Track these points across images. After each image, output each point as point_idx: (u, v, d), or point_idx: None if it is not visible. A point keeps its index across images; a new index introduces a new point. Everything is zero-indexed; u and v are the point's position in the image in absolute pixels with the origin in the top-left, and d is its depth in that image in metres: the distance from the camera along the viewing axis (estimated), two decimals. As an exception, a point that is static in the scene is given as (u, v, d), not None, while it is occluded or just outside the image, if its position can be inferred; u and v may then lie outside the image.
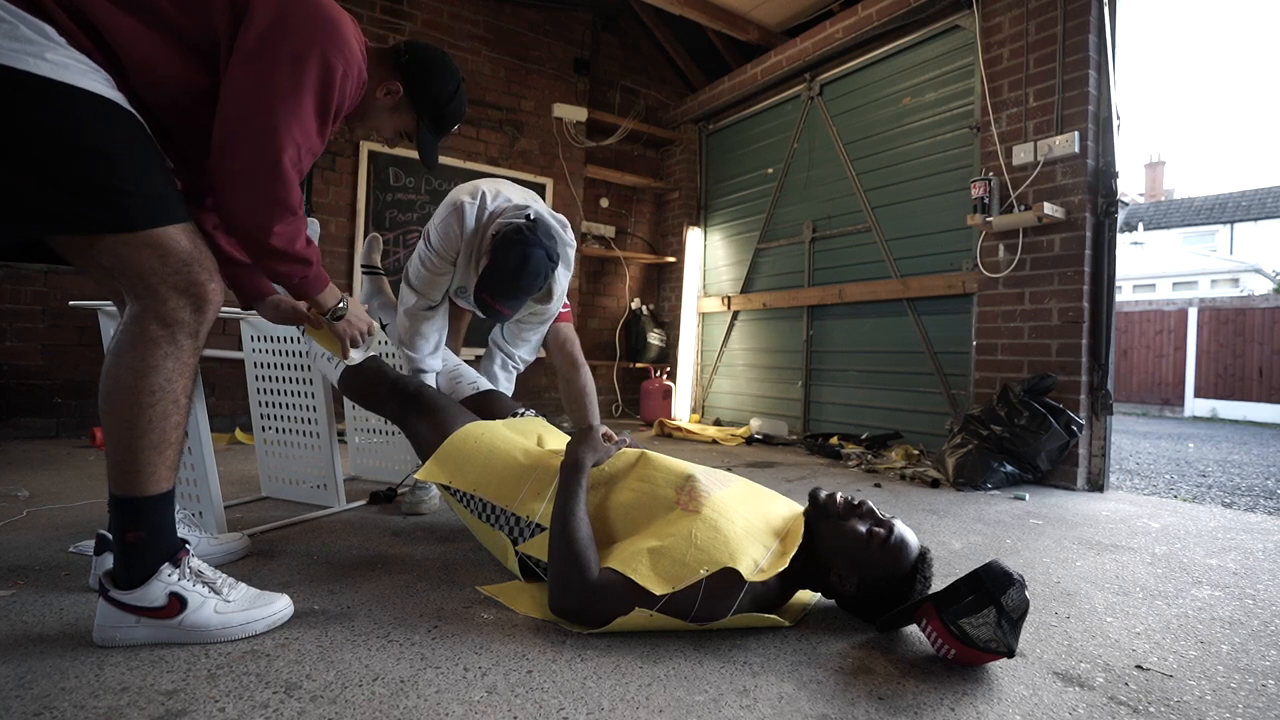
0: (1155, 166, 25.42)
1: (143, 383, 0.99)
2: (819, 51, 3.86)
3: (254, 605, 1.09)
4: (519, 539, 1.32)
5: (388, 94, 1.33)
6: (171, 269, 0.99)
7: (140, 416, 1.00)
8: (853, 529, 1.15)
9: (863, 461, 3.15)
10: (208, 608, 1.05)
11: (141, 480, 1.01)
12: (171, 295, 1.00)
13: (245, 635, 1.06)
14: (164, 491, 1.04)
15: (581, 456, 1.28)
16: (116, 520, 1.03)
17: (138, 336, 0.99)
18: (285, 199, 1.09)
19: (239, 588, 1.10)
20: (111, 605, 1.02)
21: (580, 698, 0.92)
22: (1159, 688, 1.02)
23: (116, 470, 1.02)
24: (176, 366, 1.02)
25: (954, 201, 3.25)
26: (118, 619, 1.02)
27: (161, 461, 1.02)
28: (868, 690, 0.98)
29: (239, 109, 1.04)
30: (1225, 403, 9.34)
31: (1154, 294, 17.31)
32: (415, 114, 1.39)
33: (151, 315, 0.99)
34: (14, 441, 3.05)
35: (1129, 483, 3.31)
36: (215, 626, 1.05)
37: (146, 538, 1.03)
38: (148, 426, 1.00)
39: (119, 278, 1.00)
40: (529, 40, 4.52)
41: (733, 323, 4.72)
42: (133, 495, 1.02)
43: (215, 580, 1.08)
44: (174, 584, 1.04)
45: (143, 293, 0.99)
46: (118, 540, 1.04)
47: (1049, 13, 2.80)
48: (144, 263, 0.98)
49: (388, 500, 2.07)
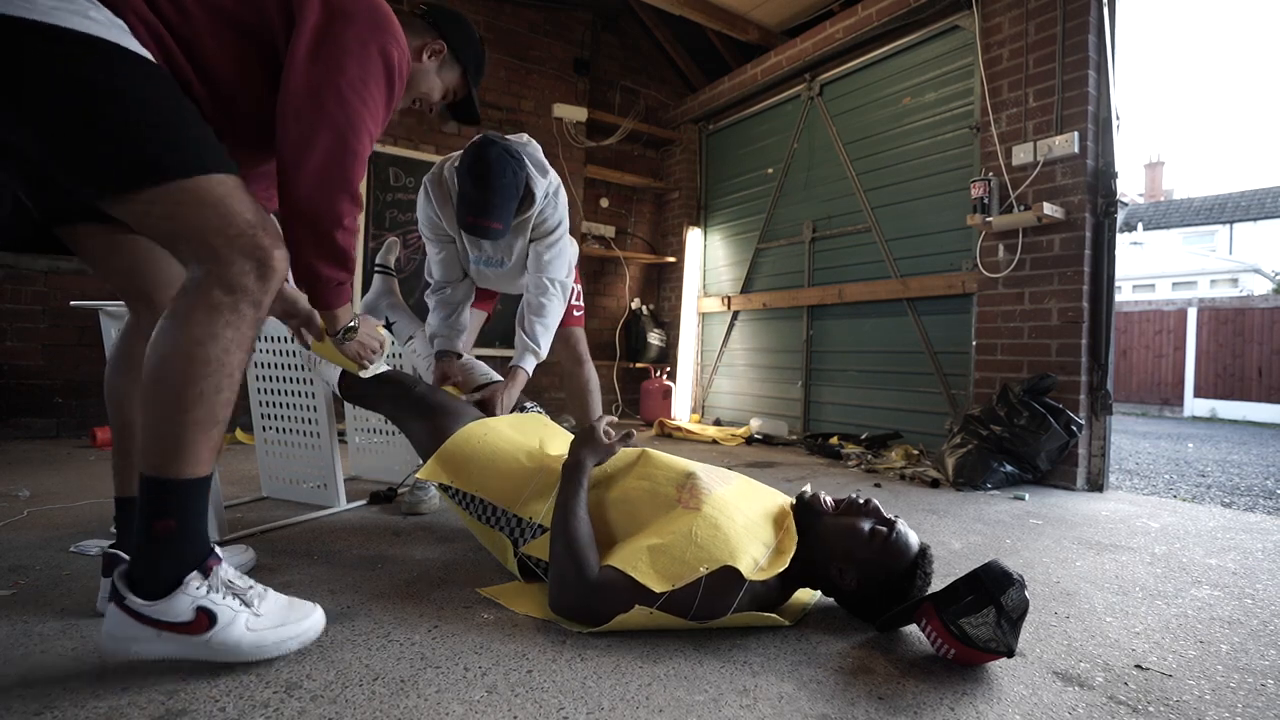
0: (1155, 166, 25.44)
1: (198, 351, 0.91)
2: (819, 51, 3.86)
3: (288, 620, 0.99)
4: (520, 540, 1.32)
5: (432, 54, 1.34)
6: (236, 230, 0.93)
7: (190, 388, 0.91)
8: (853, 525, 1.15)
9: (863, 461, 3.15)
10: (239, 624, 0.94)
11: (181, 459, 0.91)
12: (237, 258, 0.93)
13: (280, 654, 0.97)
14: (202, 476, 0.94)
15: (583, 456, 1.28)
16: (145, 507, 0.92)
17: (198, 301, 0.92)
18: (357, 191, 1.10)
19: (268, 597, 1.00)
20: (127, 614, 0.90)
21: (580, 697, 0.93)
22: (1158, 687, 1.02)
23: (153, 446, 0.91)
24: (235, 338, 0.94)
25: (954, 201, 3.25)
26: (134, 630, 0.90)
27: (206, 441, 0.93)
28: (868, 690, 0.98)
29: (312, 96, 1.02)
30: (1225, 403, 9.34)
31: (1154, 294, 17.31)
32: (460, 65, 1.42)
33: (215, 279, 0.92)
34: (14, 441, 3.05)
35: (1129, 483, 3.31)
36: (248, 646, 0.94)
37: (178, 529, 0.92)
38: (197, 399, 0.91)
39: (181, 243, 0.94)
40: (529, 40, 4.52)
41: (733, 323, 4.72)
42: (168, 476, 0.91)
43: (246, 591, 0.98)
44: (202, 598, 0.93)
45: (206, 256, 0.93)
46: (143, 532, 0.92)
47: (1049, 13, 2.80)
48: (206, 222, 0.92)
49: (388, 500, 2.07)
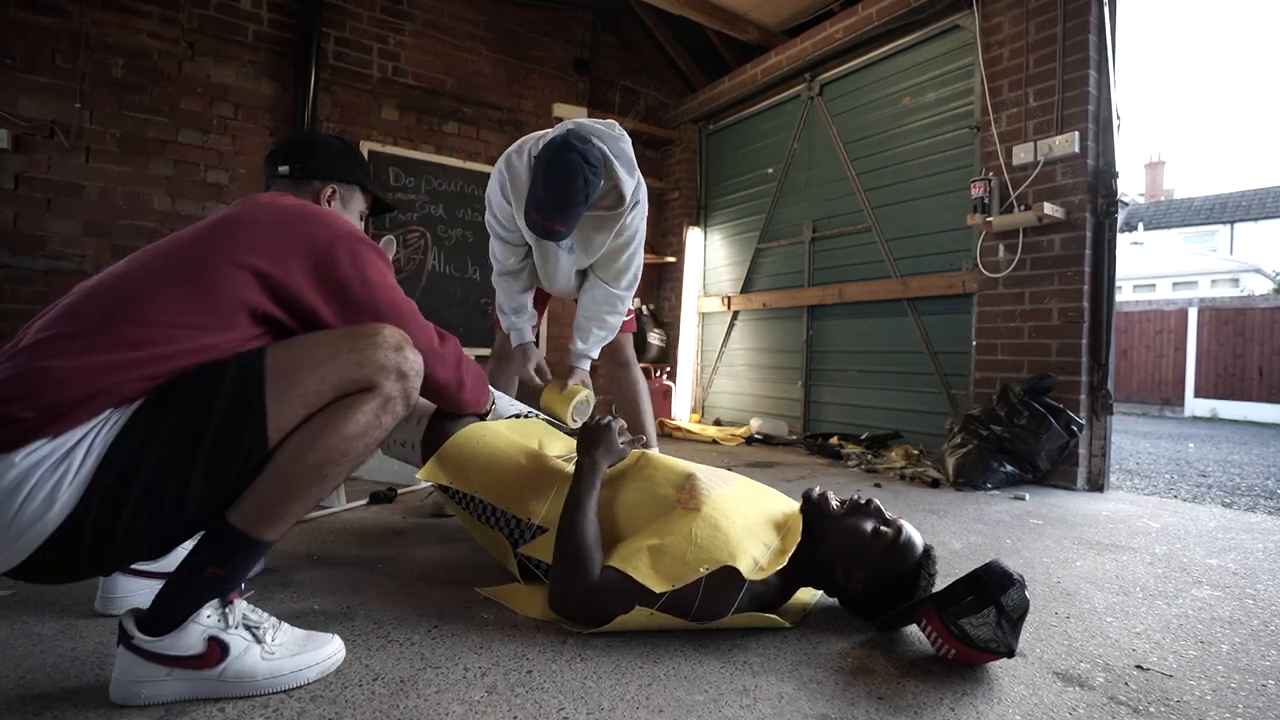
0: (1155, 166, 25.42)
1: (353, 445, 0.94)
2: (819, 51, 3.85)
3: (304, 650, 0.97)
4: (520, 541, 1.32)
5: (330, 199, 1.30)
6: (378, 363, 0.97)
7: (329, 474, 0.93)
8: (859, 526, 1.16)
9: (863, 461, 3.15)
10: (253, 654, 0.92)
11: (272, 525, 0.92)
12: (388, 380, 0.98)
13: (297, 684, 0.94)
14: (276, 540, 0.95)
15: (598, 457, 1.28)
16: (209, 551, 0.90)
17: (374, 401, 0.96)
18: (458, 361, 1.26)
19: (283, 629, 0.98)
20: (135, 655, 0.87)
21: (580, 698, 0.93)
22: (1159, 688, 1.02)
23: (254, 504, 0.90)
24: (378, 436, 0.98)
25: (954, 201, 3.24)
26: (144, 671, 0.87)
27: (299, 513, 0.94)
28: (868, 690, 0.98)
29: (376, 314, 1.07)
30: (1225, 403, 9.34)
31: (1154, 294, 17.30)
32: (355, 185, 1.36)
33: (375, 394, 0.97)
34: (14, 441, 3.05)
35: (1129, 483, 3.31)
36: (263, 675, 0.92)
37: (224, 577, 0.92)
38: (323, 482, 0.93)
39: None
40: (529, 40, 4.52)
41: (733, 323, 4.72)
42: (250, 534, 0.90)
43: (260, 625, 0.96)
44: (213, 627, 0.91)
45: (352, 387, 0.96)
46: (193, 570, 0.90)
47: (1049, 13, 2.80)
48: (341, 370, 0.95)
49: (388, 500, 2.07)
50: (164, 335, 0.88)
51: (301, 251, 1.01)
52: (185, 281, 0.92)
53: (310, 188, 1.29)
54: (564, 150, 1.65)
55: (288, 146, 1.33)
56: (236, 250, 0.96)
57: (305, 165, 1.30)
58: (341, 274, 1.03)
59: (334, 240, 1.04)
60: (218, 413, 0.88)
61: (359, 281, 1.05)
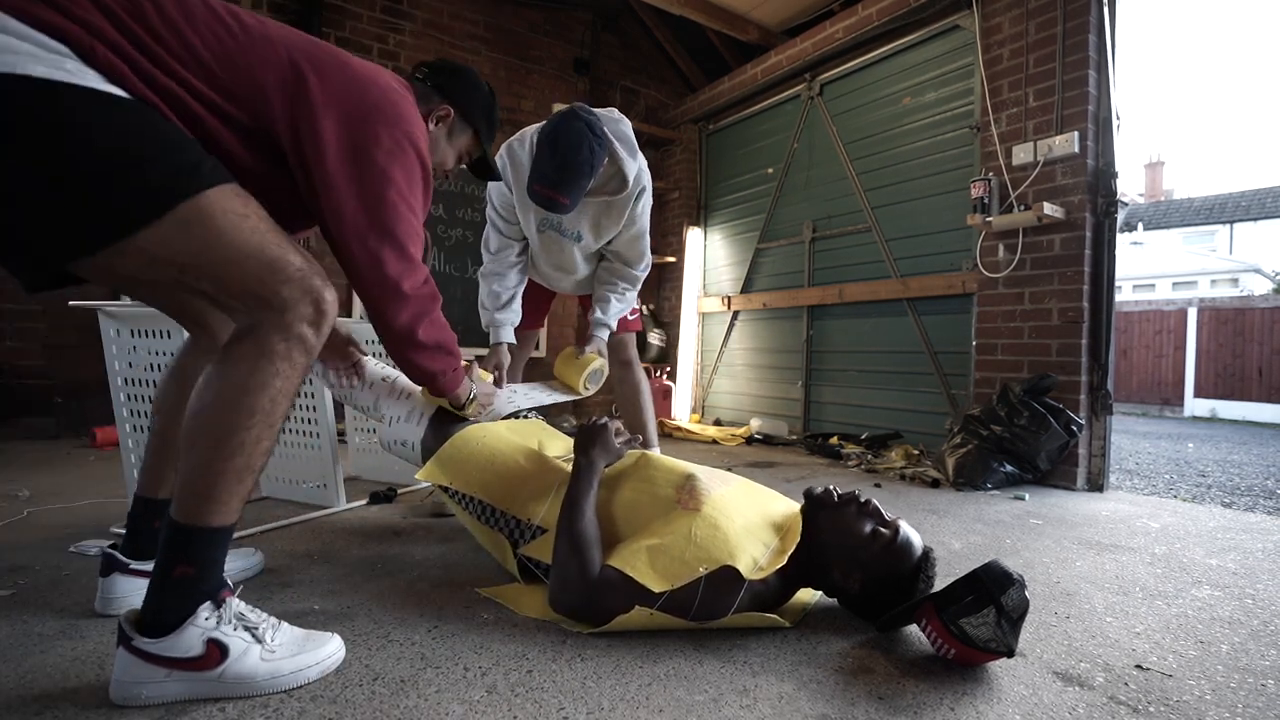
0: (1155, 166, 25.44)
1: (245, 400, 0.89)
2: (819, 51, 3.85)
3: (303, 650, 0.96)
4: (520, 541, 1.32)
5: (439, 121, 1.29)
6: (288, 277, 0.91)
7: (231, 438, 0.89)
8: (857, 526, 1.15)
9: (863, 461, 3.15)
10: (252, 655, 0.91)
11: (210, 509, 0.90)
12: (292, 306, 0.91)
13: (297, 685, 0.93)
14: (229, 525, 0.93)
15: (595, 457, 1.28)
16: (167, 551, 0.90)
17: (251, 351, 0.90)
18: (428, 294, 1.17)
19: (282, 630, 0.98)
20: (135, 656, 0.87)
21: (580, 697, 0.93)
22: (1159, 687, 1.02)
23: (187, 492, 0.90)
24: (284, 388, 0.92)
25: (954, 201, 3.24)
26: (144, 673, 0.87)
27: (238, 491, 0.92)
28: (868, 690, 0.98)
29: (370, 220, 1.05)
30: (1225, 403, 9.34)
31: (1154, 294, 17.30)
32: (472, 128, 1.35)
33: (272, 327, 0.90)
34: (14, 441, 3.05)
35: (1129, 483, 3.31)
36: (263, 676, 0.91)
37: (195, 574, 0.90)
38: (236, 449, 0.89)
39: (229, 298, 0.91)
40: (529, 40, 4.52)
41: (733, 323, 4.72)
42: (194, 524, 0.89)
43: (258, 625, 0.95)
44: (212, 629, 0.90)
45: (257, 306, 0.90)
46: (161, 575, 0.90)
47: (1049, 13, 2.80)
48: (251, 275, 0.89)
49: (388, 500, 2.07)
50: (182, 45, 0.89)
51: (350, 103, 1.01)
52: (232, 32, 0.94)
53: (429, 99, 1.29)
54: (569, 119, 1.63)
55: (439, 62, 1.34)
56: (296, 49, 0.97)
57: (438, 80, 1.30)
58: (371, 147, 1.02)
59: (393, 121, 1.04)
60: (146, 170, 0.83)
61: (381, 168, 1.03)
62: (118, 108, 0.83)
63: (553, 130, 1.63)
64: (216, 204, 0.87)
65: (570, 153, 1.60)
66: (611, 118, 1.81)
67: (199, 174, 0.87)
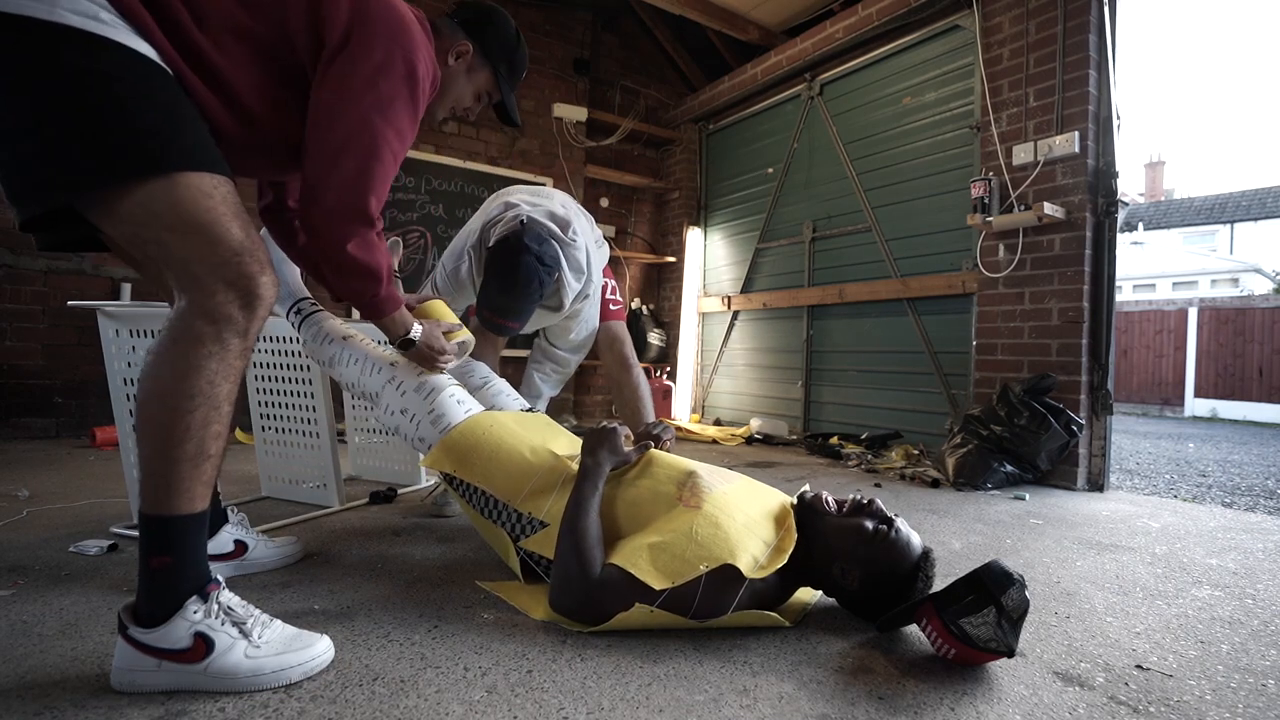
0: (1155, 166, 25.45)
1: (182, 385, 0.90)
2: (819, 51, 3.85)
3: (289, 649, 0.96)
4: (520, 535, 1.32)
5: (459, 57, 1.30)
6: (221, 259, 0.90)
7: (177, 423, 0.89)
8: (855, 524, 1.16)
9: (863, 461, 3.15)
10: (237, 651, 0.92)
11: (173, 497, 0.91)
12: (220, 288, 0.91)
13: (279, 684, 0.93)
14: (197, 512, 0.93)
15: (602, 458, 1.27)
16: (143, 543, 0.92)
17: (181, 333, 0.91)
18: (368, 210, 1.11)
19: (273, 627, 0.98)
20: (130, 645, 0.90)
21: (580, 697, 0.93)
22: (1159, 688, 1.02)
23: (147, 483, 0.91)
24: (220, 369, 0.92)
25: (954, 201, 3.25)
26: (137, 661, 0.90)
27: (197, 476, 0.92)
28: (868, 690, 0.98)
29: (339, 120, 1.05)
30: (1225, 402, 9.34)
31: (1154, 294, 17.31)
32: (491, 67, 1.37)
33: (197, 310, 0.91)
34: (14, 441, 3.05)
35: (1129, 483, 3.31)
36: (245, 673, 0.91)
37: (173, 564, 0.91)
38: (184, 435, 0.90)
39: (167, 269, 0.92)
40: (529, 40, 4.48)
41: (733, 323, 4.72)
42: (161, 514, 0.91)
43: (246, 620, 0.95)
44: (199, 623, 0.91)
45: (188, 285, 0.91)
46: (142, 567, 0.92)
47: (1049, 13, 2.80)
48: (191, 250, 0.89)
49: (388, 500, 2.07)
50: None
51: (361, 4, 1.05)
52: None
53: (454, 34, 1.30)
54: (520, 252, 1.74)
55: (474, 1, 1.36)
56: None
57: (465, 15, 1.32)
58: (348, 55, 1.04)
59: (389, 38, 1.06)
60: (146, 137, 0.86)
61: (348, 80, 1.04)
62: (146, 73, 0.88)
63: (505, 267, 1.75)
64: (194, 184, 0.90)
65: (522, 291, 1.77)
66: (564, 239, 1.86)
67: (190, 155, 0.90)
